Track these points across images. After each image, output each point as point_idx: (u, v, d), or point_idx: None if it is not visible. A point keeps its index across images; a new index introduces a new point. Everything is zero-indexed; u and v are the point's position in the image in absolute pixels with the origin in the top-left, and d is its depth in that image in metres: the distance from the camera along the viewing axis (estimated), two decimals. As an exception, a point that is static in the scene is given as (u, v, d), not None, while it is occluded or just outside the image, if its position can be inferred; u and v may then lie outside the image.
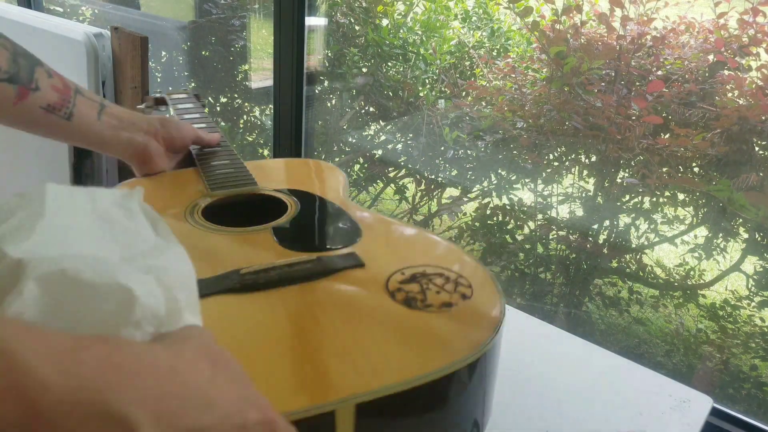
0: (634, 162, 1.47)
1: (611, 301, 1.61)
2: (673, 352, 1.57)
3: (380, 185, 1.99)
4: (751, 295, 1.43)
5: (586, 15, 1.50)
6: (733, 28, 1.33)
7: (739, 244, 1.43)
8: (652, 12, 1.41)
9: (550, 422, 0.68)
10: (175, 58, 2.28)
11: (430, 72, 1.79)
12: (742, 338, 1.44)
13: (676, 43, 1.44)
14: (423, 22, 1.83)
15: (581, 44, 1.48)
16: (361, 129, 1.94)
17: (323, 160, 1.91)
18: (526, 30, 1.63)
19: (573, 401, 0.71)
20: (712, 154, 1.36)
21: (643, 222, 1.52)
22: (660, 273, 1.55)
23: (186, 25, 2.21)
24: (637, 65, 1.44)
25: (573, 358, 0.79)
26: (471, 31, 1.85)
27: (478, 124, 1.67)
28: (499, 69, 1.74)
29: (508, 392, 0.71)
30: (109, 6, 2.34)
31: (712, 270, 1.49)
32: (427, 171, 1.83)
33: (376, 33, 1.83)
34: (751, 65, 1.32)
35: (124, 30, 1.56)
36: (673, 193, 1.48)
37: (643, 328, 1.60)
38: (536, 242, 1.69)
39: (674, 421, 0.70)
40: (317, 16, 1.64)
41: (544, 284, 1.68)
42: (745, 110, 1.29)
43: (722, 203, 1.38)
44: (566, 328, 0.89)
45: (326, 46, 1.78)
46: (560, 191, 1.64)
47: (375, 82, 1.84)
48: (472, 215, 1.77)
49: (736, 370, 1.42)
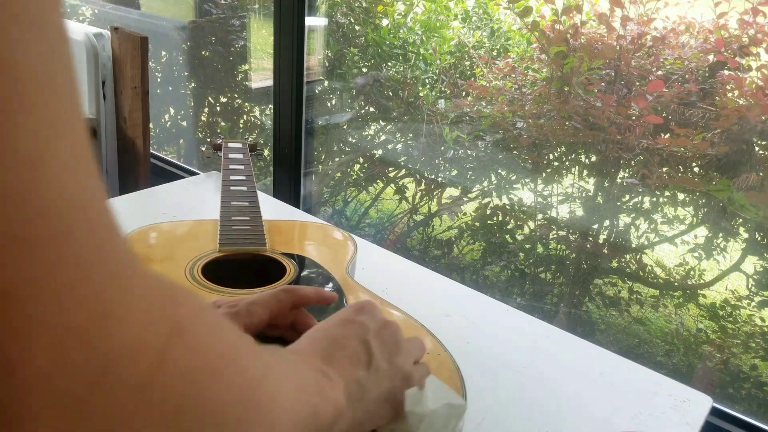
0: (634, 162, 1.47)
1: (611, 301, 1.61)
2: (673, 352, 1.57)
3: (380, 185, 1.99)
4: (751, 295, 1.43)
5: (586, 15, 1.50)
6: (733, 28, 1.33)
7: (739, 244, 1.43)
8: (652, 12, 1.41)
9: (550, 422, 0.68)
10: (175, 58, 2.28)
11: (430, 72, 1.79)
12: (742, 338, 1.44)
13: (676, 43, 1.44)
14: (423, 22, 1.83)
15: (581, 44, 1.48)
16: (361, 129, 1.94)
17: (325, 163, 1.92)
18: (526, 30, 1.63)
19: (573, 401, 0.71)
20: (712, 154, 1.36)
21: (643, 222, 1.52)
22: (660, 273, 1.55)
23: (186, 25, 2.21)
24: (637, 65, 1.44)
25: (573, 358, 0.79)
26: (471, 31, 1.85)
27: (478, 124, 1.67)
28: (499, 69, 1.74)
29: (508, 392, 0.71)
30: (109, 6, 2.34)
31: (712, 270, 1.49)
32: (427, 171, 1.83)
33: (376, 33, 1.83)
34: (751, 65, 1.31)
35: (124, 30, 1.56)
36: (673, 193, 1.48)
37: (643, 328, 1.60)
38: (536, 242, 1.69)
39: (674, 420, 0.70)
40: (317, 16, 1.64)
41: (544, 284, 1.68)
42: (745, 110, 1.29)
43: (722, 203, 1.38)
44: (566, 328, 0.89)
45: (326, 46, 1.78)
46: (560, 191, 1.64)
47: (375, 82, 1.84)
48: (472, 215, 1.77)
49: (736, 369, 1.42)
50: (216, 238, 0.78)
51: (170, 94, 2.35)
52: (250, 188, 0.92)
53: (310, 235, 0.91)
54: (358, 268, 0.87)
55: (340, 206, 2.02)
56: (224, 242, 0.77)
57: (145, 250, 0.75)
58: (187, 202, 1.11)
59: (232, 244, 0.77)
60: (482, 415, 0.67)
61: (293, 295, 0.58)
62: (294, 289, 0.59)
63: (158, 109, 2.33)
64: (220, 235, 0.78)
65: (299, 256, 0.78)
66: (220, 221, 0.82)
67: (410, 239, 1.94)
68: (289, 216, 1.09)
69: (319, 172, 1.91)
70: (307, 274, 0.75)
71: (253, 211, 0.86)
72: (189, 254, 0.74)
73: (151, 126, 1.68)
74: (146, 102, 1.57)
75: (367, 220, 2.04)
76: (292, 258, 0.77)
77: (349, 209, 2.04)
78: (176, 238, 0.80)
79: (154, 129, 2.24)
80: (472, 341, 0.80)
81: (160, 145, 2.38)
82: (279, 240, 0.82)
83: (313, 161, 1.68)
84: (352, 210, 2.04)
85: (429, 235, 1.91)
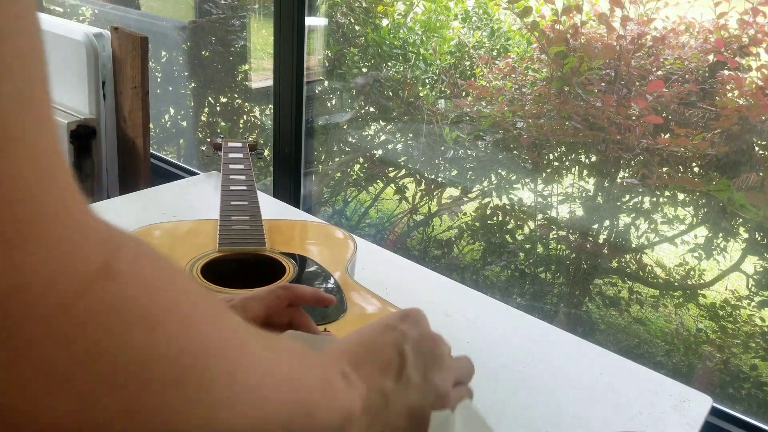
0: (634, 162, 1.47)
1: (611, 301, 1.61)
2: (673, 352, 1.57)
3: (380, 185, 1.99)
4: (751, 295, 1.43)
5: (586, 15, 1.50)
6: (733, 28, 1.33)
7: (739, 244, 1.43)
8: (652, 12, 1.41)
9: (550, 422, 0.68)
10: (175, 58, 2.28)
11: (430, 72, 1.79)
12: (742, 338, 1.44)
13: (676, 43, 1.44)
14: (423, 22, 1.83)
15: (581, 44, 1.48)
16: (361, 129, 1.94)
17: (325, 163, 1.92)
18: (526, 30, 1.63)
19: (573, 401, 0.71)
20: (712, 154, 1.36)
21: (643, 222, 1.53)
22: (660, 273, 1.55)
23: (186, 25, 2.21)
24: (637, 65, 1.44)
25: (573, 358, 0.79)
26: (471, 31, 1.85)
27: (478, 124, 1.67)
28: (499, 69, 1.74)
29: (508, 392, 0.71)
30: (109, 6, 2.34)
31: (712, 270, 1.49)
32: (427, 171, 1.83)
33: (376, 33, 1.83)
34: (751, 65, 1.31)
35: (124, 30, 1.56)
36: (673, 193, 1.48)
37: (643, 328, 1.60)
38: (536, 242, 1.69)
39: (674, 420, 0.70)
40: (317, 16, 1.64)
41: (544, 284, 1.68)
42: (745, 110, 1.29)
43: (722, 203, 1.38)
44: (566, 328, 0.89)
45: (326, 46, 1.78)
46: (560, 191, 1.64)
47: (375, 82, 1.84)
48: (472, 215, 1.77)
49: (736, 369, 1.42)
50: (215, 238, 0.78)
51: (170, 94, 2.35)
52: (249, 188, 0.92)
53: (309, 234, 0.91)
54: (358, 267, 0.87)
55: (340, 206, 2.02)
56: (224, 242, 0.77)
57: None
58: (187, 202, 1.11)
59: (231, 244, 0.76)
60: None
61: (291, 292, 0.58)
62: (291, 287, 0.59)
63: (158, 109, 2.33)
64: (219, 234, 0.78)
65: (299, 255, 0.78)
66: (220, 221, 0.82)
67: (410, 239, 1.94)
68: (289, 216, 1.09)
69: (319, 172, 1.91)
70: (307, 273, 0.75)
71: (253, 211, 0.86)
72: (188, 254, 0.74)
73: (151, 126, 1.68)
74: (146, 102, 1.57)
75: (367, 220, 2.04)
76: (292, 258, 0.77)
77: (349, 209, 2.04)
78: (176, 238, 0.80)
79: (154, 129, 2.24)
80: (472, 341, 0.80)
81: (160, 145, 2.38)
82: (279, 239, 0.81)
83: (313, 161, 1.68)
84: (352, 210, 2.04)
85: (429, 235, 1.91)
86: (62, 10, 2.43)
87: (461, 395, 0.47)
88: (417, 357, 0.45)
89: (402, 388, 0.43)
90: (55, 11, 2.42)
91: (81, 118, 1.56)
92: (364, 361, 0.43)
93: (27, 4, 0.22)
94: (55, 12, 2.41)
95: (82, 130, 1.56)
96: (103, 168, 1.64)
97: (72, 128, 1.54)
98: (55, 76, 1.34)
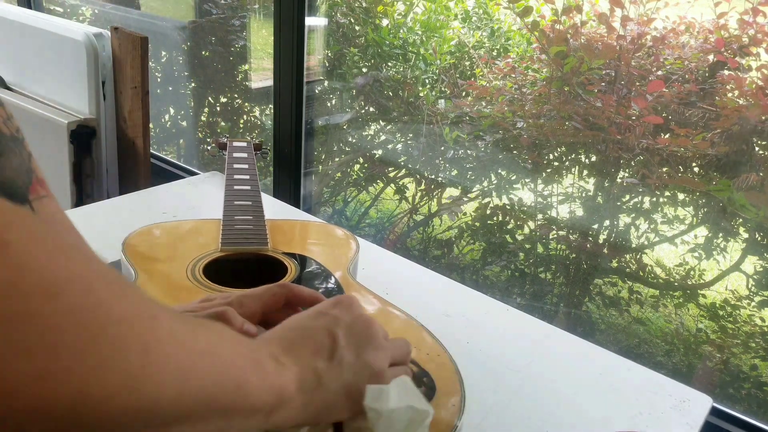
0: (634, 162, 1.47)
1: (611, 301, 1.61)
2: (673, 351, 1.57)
3: (380, 185, 1.99)
4: (751, 295, 1.43)
5: (586, 15, 1.50)
6: (733, 28, 1.33)
7: (739, 244, 1.43)
8: (652, 12, 1.41)
9: (550, 422, 0.68)
10: (175, 58, 2.28)
11: (430, 72, 1.79)
12: (742, 338, 1.44)
13: (676, 43, 1.44)
14: (423, 22, 1.83)
15: (581, 44, 1.48)
16: (361, 129, 1.94)
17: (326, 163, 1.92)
18: (526, 30, 1.63)
19: (573, 401, 0.71)
20: (712, 154, 1.36)
21: (643, 222, 1.53)
22: (660, 273, 1.55)
23: (186, 25, 2.21)
24: (637, 65, 1.44)
25: (573, 358, 0.79)
26: (471, 31, 1.85)
27: (478, 124, 1.67)
28: (499, 69, 1.74)
29: (509, 392, 0.71)
30: (109, 6, 2.34)
31: (712, 270, 1.49)
32: (427, 171, 1.83)
33: (376, 33, 1.83)
34: (751, 65, 1.31)
35: (124, 30, 1.56)
36: (673, 193, 1.48)
37: (643, 328, 1.60)
38: (536, 242, 1.69)
39: (674, 420, 0.70)
40: (317, 16, 1.64)
41: (544, 284, 1.68)
42: (745, 110, 1.29)
43: (722, 203, 1.38)
44: (566, 328, 0.89)
45: (326, 46, 1.78)
46: (560, 191, 1.64)
47: (375, 82, 1.84)
48: (472, 215, 1.77)
49: (736, 369, 1.42)
50: (218, 238, 0.78)
51: (170, 94, 2.35)
52: (253, 188, 0.92)
53: (311, 234, 0.91)
54: (359, 267, 0.87)
55: (340, 206, 2.02)
56: (226, 242, 0.77)
57: (147, 249, 0.75)
58: (187, 202, 1.11)
59: (234, 244, 0.76)
60: (482, 415, 0.67)
61: (288, 291, 0.58)
62: (288, 285, 0.59)
63: (158, 109, 2.33)
64: (222, 234, 0.78)
65: (301, 255, 0.78)
66: (223, 220, 0.82)
67: (410, 239, 1.94)
68: (289, 216, 1.09)
69: (319, 172, 1.91)
70: (309, 273, 0.75)
71: (256, 211, 0.86)
72: (190, 254, 0.74)
73: (151, 126, 1.68)
74: (146, 102, 1.57)
75: (367, 220, 2.04)
76: (294, 258, 0.77)
77: (349, 209, 2.04)
78: (177, 238, 0.80)
79: (154, 129, 2.24)
80: (472, 341, 0.80)
81: (160, 145, 2.38)
82: (281, 239, 0.81)
83: (313, 161, 1.68)
84: (352, 210, 2.04)
85: (429, 235, 1.91)
86: (62, 10, 2.43)
87: (397, 373, 0.49)
88: (349, 338, 0.47)
89: (335, 368, 0.45)
90: (55, 11, 2.42)
91: (81, 118, 1.56)
92: (295, 344, 0.45)
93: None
94: (55, 12, 2.41)
95: (82, 130, 1.56)
96: (103, 168, 1.64)
97: (72, 128, 1.54)
98: (55, 76, 1.36)
